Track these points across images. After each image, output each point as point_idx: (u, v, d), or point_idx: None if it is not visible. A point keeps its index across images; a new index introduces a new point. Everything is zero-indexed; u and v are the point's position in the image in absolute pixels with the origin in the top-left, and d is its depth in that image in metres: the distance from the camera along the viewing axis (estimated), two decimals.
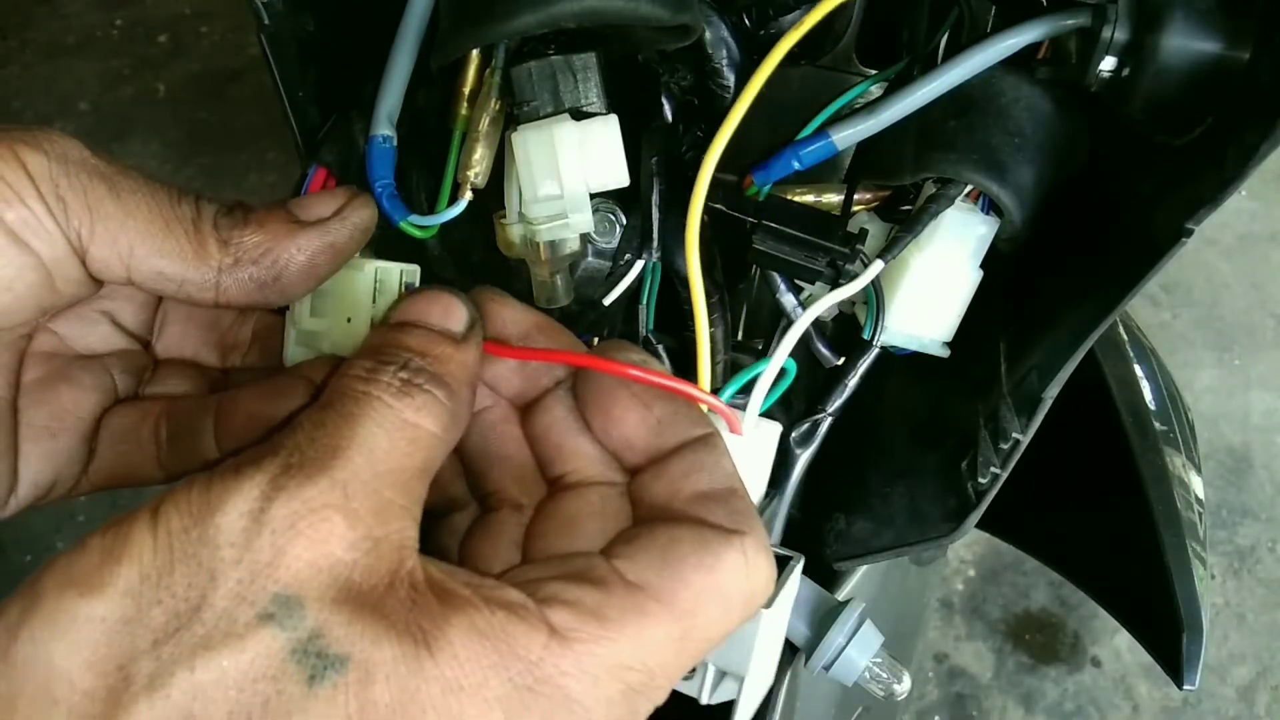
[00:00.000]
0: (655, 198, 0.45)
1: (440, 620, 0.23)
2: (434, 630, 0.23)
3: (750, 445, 0.39)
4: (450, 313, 0.30)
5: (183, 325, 0.38)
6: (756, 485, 0.41)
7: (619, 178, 0.41)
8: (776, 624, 0.40)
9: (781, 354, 0.41)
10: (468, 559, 0.31)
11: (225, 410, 0.34)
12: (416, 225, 0.41)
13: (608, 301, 0.45)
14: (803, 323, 0.42)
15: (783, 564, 0.41)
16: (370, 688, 0.22)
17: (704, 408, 0.32)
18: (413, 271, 0.37)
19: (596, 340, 0.47)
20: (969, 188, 0.43)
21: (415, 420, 0.26)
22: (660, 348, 0.47)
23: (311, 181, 0.39)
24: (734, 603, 0.26)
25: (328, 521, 0.23)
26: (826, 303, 0.42)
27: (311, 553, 0.23)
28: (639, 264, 0.45)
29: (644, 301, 0.46)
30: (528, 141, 0.40)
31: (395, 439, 0.25)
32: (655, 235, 0.45)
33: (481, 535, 0.32)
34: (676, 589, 0.25)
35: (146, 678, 0.21)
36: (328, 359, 0.35)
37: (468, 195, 0.41)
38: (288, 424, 0.26)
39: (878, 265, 0.42)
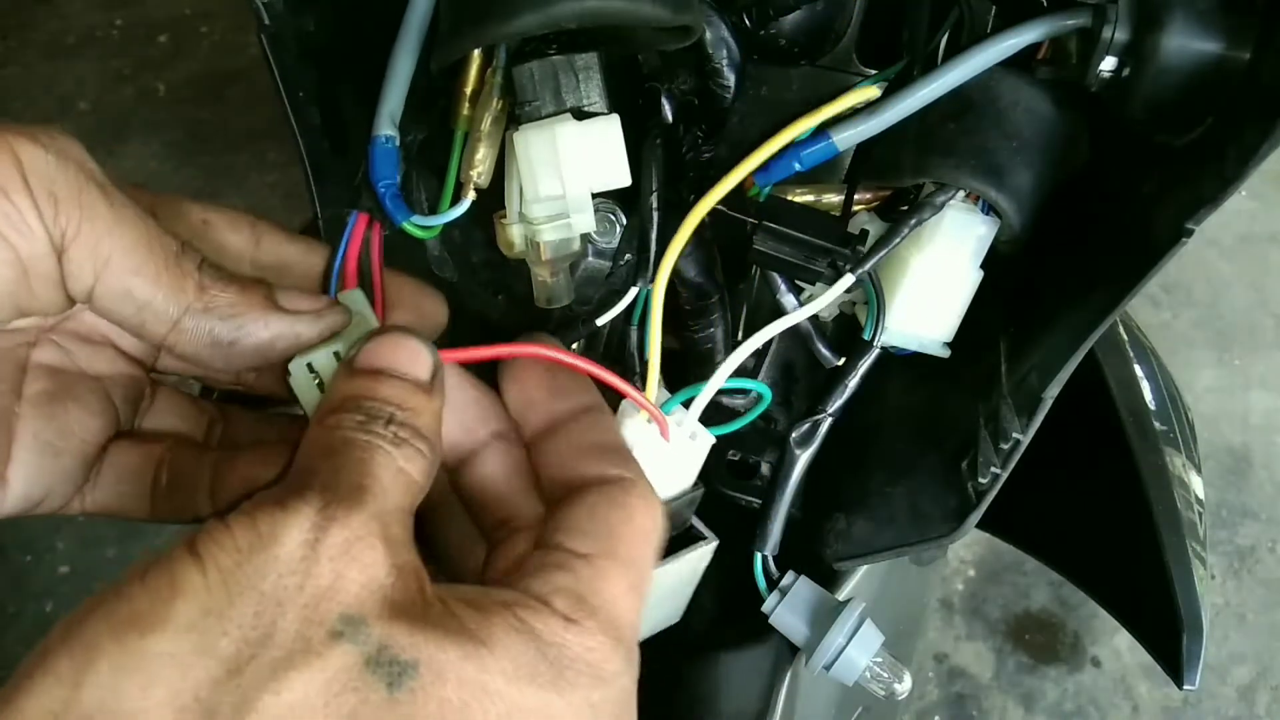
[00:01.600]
0: (654, 213, 0.45)
1: (484, 622, 0.26)
2: (482, 631, 0.26)
3: (680, 451, 0.40)
4: (417, 360, 0.31)
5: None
6: (682, 482, 0.42)
7: (621, 177, 0.41)
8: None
9: (724, 372, 0.42)
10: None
11: (222, 470, 0.35)
12: (419, 226, 0.41)
13: (600, 323, 0.45)
14: (746, 348, 0.43)
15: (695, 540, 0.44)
16: (443, 687, 0.24)
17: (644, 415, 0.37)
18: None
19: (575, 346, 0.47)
20: (963, 192, 0.43)
21: (406, 469, 0.29)
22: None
23: (353, 228, 0.39)
24: (650, 534, 0.31)
25: (373, 549, 0.26)
26: (769, 331, 0.44)
27: (364, 575, 0.25)
28: (633, 291, 0.45)
29: (634, 322, 0.46)
30: (529, 141, 0.40)
31: (396, 483, 0.28)
32: (651, 253, 0.45)
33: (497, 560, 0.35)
34: (615, 546, 0.29)
35: (231, 706, 0.22)
36: None
37: (471, 195, 0.41)
38: (298, 472, 0.27)
39: (847, 280, 0.43)
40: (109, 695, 0.22)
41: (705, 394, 0.41)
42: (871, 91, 0.44)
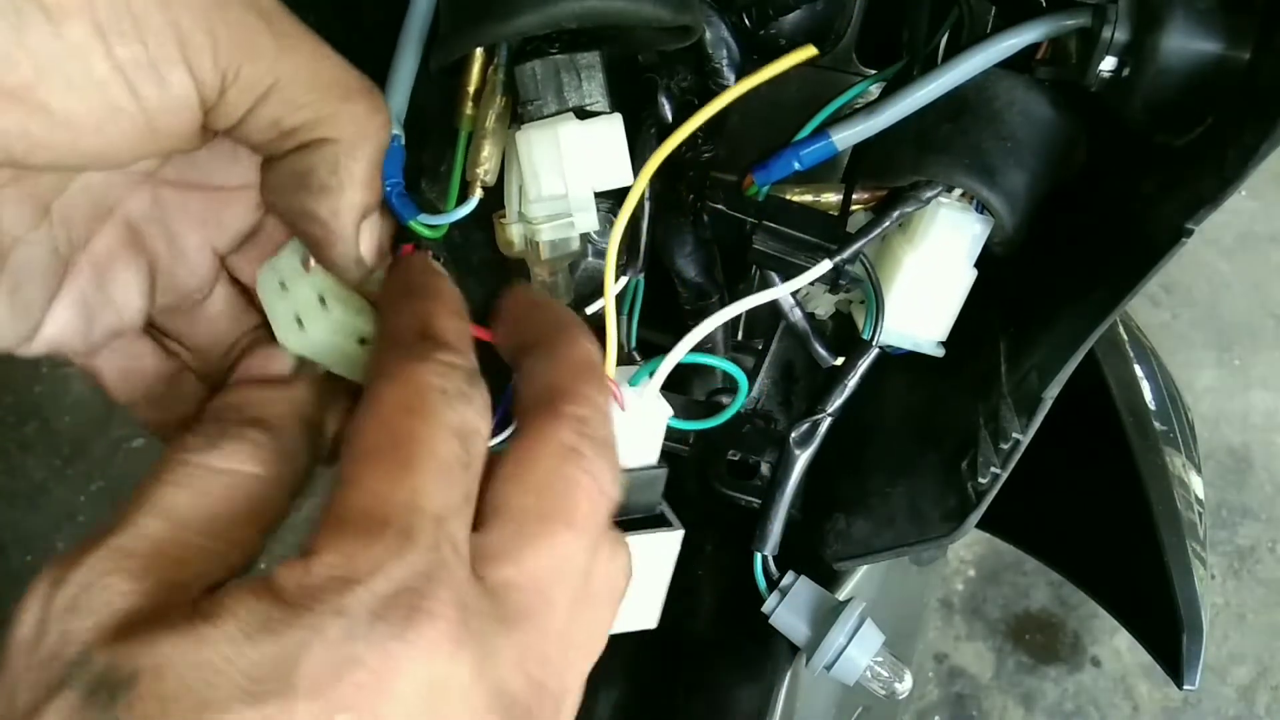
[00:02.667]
0: (647, 203, 0.45)
1: (215, 599, 0.23)
2: (209, 607, 0.23)
3: (639, 422, 0.40)
4: (273, 360, 0.31)
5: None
6: (645, 456, 0.42)
7: (623, 177, 0.41)
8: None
9: (688, 343, 0.41)
10: None
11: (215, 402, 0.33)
12: (426, 225, 0.41)
13: (590, 311, 0.45)
14: (717, 318, 0.43)
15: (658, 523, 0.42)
16: (164, 682, 0.22)
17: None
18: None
19: None
20: (957, 190, 0.43)
21: (224, 465, 0.27)
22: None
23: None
24: (412, 405, 0.26)
25: (107, 588, 0.24)
26: (744, 304, 0.44)
27: (94, 618, 0.23)
28: (623, 280, 0.45)
29: (624, 312, 0.46)
30: (531, 140, 0.40)
31: (202, 490, 0.26)
32: (642, 246, 0.45)
33: None
34: (358, 441, 0.25)
35: None
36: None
37: (478, 193, 0.41)
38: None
39: (824, 265, 0.43)
40: None
41: (667, 363, 0.41)
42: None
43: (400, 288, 0.31)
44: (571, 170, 0.40)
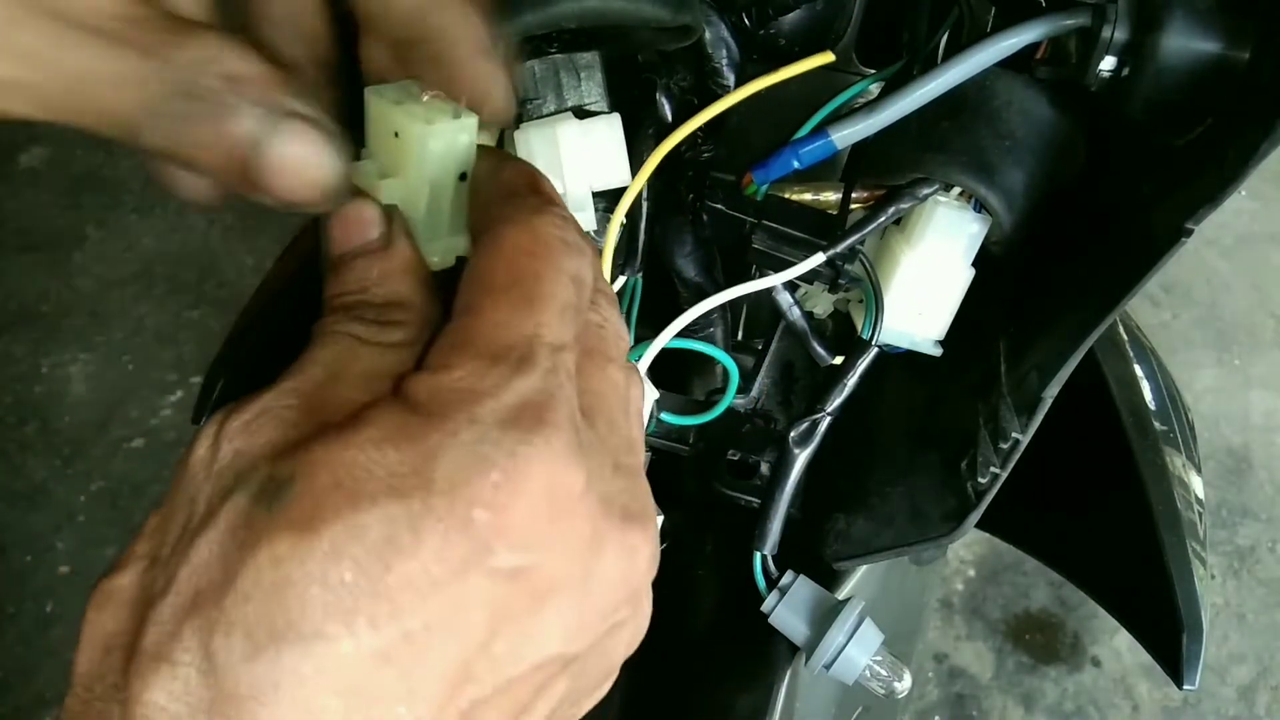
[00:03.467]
0: (645, 203, 0.45)
1: (361, 409, 0.26)
2: (356, 415, 0.26)
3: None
4: (363, 223, 0.31)
5: None
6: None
7: (621, 177, 0.41)
8: None
9: (676, 326, 0.42)
10: None
11: None
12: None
13: None
14: (709, 303, 0.44)
15: None
16: (315, 480, 0.24)
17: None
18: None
19: None
20: (955, 189, 0.43)
21: (377, 339, 0.29)
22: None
23: None
24: (536, 250, 0.28)
25: (278, 416, 0.26)
26: (735, 291, 0.44)
27: (265, 437, 0.26)
28: (621, 279, 0.45)
29: (623, 311, 0.46)
30: (530, 140, 0.40)
31: (356, 356, 0.28)
32: (640, 245, 0.45)
33: None
34: (487, 279, 0.28)
35: (161, 588, 0.25)
36: None
37: None
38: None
39: (818, 258, 0.43)
40: (95, 634, 0.26)
41: (655, 344, 0.41)
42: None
43: (497, 152, 0.32)
44: (570, 169, 0.40)
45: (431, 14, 0.31)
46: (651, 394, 0.41)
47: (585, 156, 0.40)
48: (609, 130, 0.40)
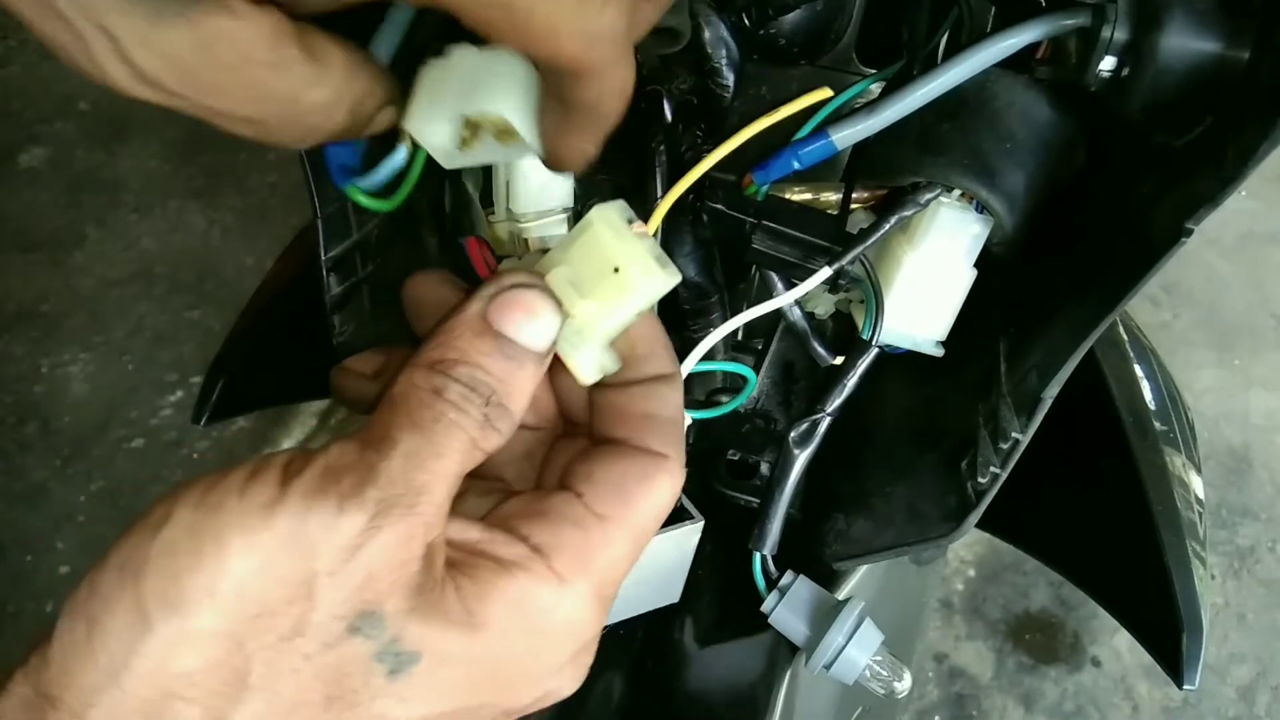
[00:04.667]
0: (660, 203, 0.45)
1: (483, 600, 0.28)
2: (480, 612, 0.28)
3: None
4: (543, 331, 0.31)
5: None
6: None
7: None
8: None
9: (699, 353, 0.43)
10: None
11: None
12: (362, 192, 0.38)
13: None
14: (725, 328, 0.44)
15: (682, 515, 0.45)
16: (439, 670, 0.27)
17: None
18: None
19: None
20: (957, 191, 0.43)
21: (484, 446, 0.29)
22: None
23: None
24: (663, 513, 0.32)
25: (408, 549, 0.27)
26: (750, 314, 0.44)
27: (394, 575, 0.27)
28: None
29: None
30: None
31: (465, 462, 0.29)
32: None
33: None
34: (630, 514, 0.31)
35: (261, 678, 0.26)
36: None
37: (408, 143, 0.37)
38: (377, 439, 0.28)
39: (824, 272, 0.43)
40: (156, 664, 0.25)
41: (684, 369, 0.41)
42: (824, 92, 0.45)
43: (662, 347, 0.36)
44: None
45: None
46: (685, 420, 0.42)
47: None
48: None
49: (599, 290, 0.32)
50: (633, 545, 0.31)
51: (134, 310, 1.79)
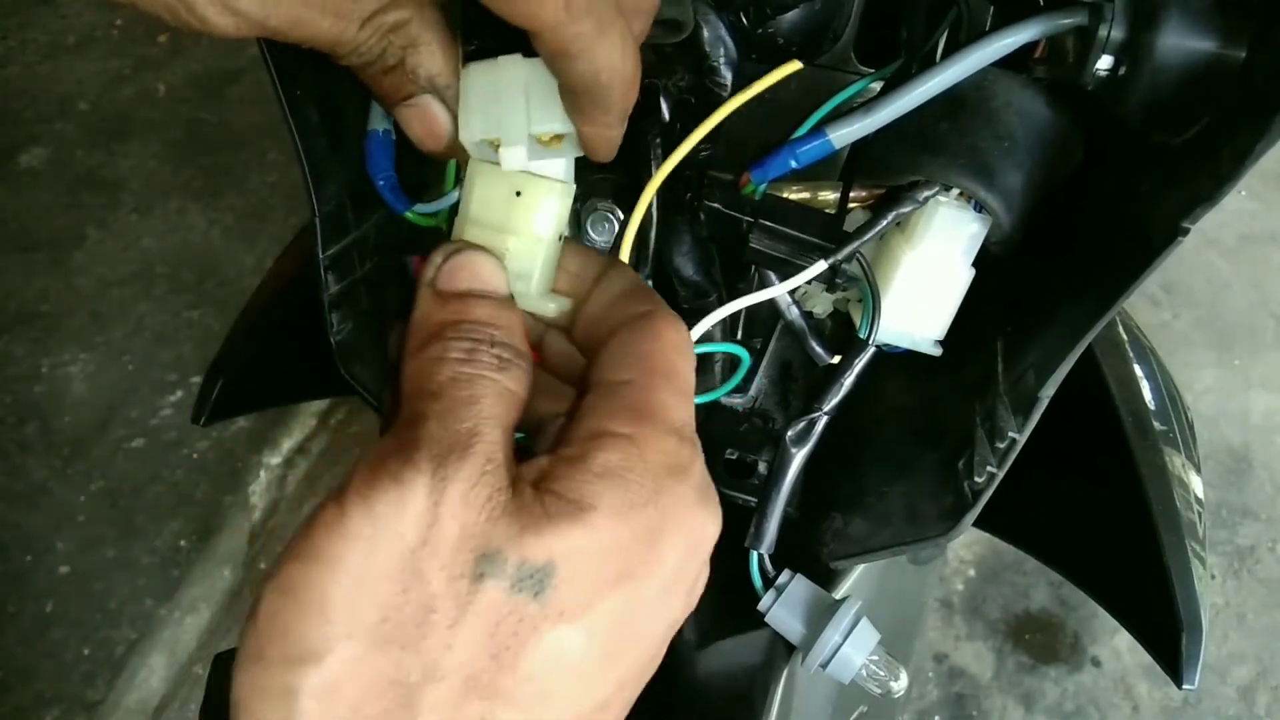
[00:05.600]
0: (654, 211, 0.45)
1: (578, 488, 0.28)
2: (582, 497, 0.28)
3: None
4: (497, 274, 0.33)
5: None
6: None
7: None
8: None
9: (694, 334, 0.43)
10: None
11: None
12: (422, 214, 0.41)
13: None
14: (718, 314, 0.44)
15: None
16: (578, 565, 0.27)
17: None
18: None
19: None
20: (955, 190, 0.43)
21: (512, 388, 0.30)
22: None
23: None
24: (681, 345, 0.33)
25: (487, 485, 0.28)
26: (743, 301, 0.44)
27: (485, 513, 0.27)
28: None
29: None
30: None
31: (503, 406, 0.30)
32: (650, 250, 0.45)
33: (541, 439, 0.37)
34: (651, 362, 0.32)
35: (421, 676, 0.26)
36: None
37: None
38: (407, 423, 0.29)
39: (819, 265, 0.43)
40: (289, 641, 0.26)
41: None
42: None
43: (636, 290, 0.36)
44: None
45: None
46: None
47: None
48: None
49: (514, 219, 0.34)
50: (674, 383, 0.32)
51: (134, 310, 1.79)
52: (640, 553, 0.28)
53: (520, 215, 0.34)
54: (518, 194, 0.34)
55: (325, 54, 0.34)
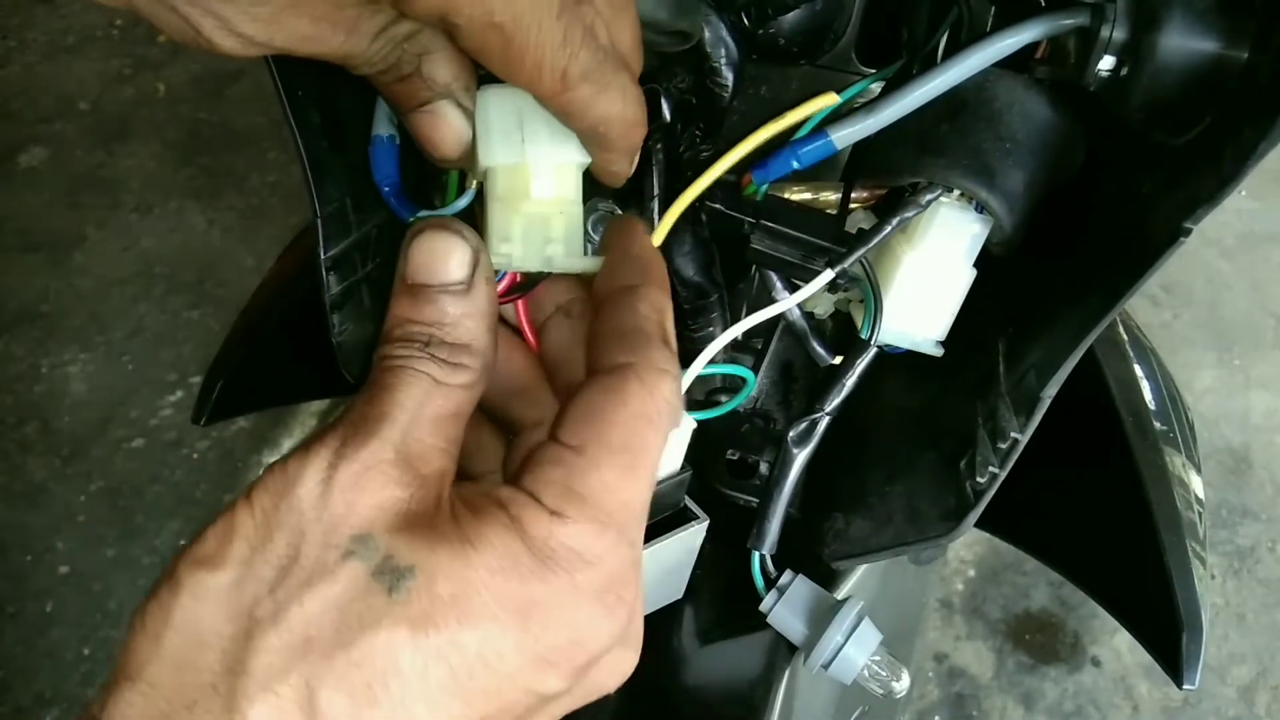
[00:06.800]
0: (656, 216, 0.45)
1: (477, 524, 0.29)
2: (473, 532, 0.29)
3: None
4: (450, 259, 0.33)
5: None
6: (669, 465, 0.43)
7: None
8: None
9: (705, 357, 0.43)
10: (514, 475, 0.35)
11: None
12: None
13: None
14: (731, 332, 0.44)
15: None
16: (434, 584, 0.28)
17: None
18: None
19: None
20: (956, 191, 0.43)
21: (447, 381, 0.31)
22: None
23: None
24: (647, 416, 0.32)
25: (384, 474, 0.29)
26: (754, 319, 0.44)
27: (375, 499, 0.29)
28: None
29: None
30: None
31: (430, 399, 0.31)
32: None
33: (514, 453, 0.39)
34: (606, 435, 0.31)
35: (270, 615, 0.28)
36: None
37: (473, 186, 0.41)
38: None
39: (826, 275, 0.43)
40: (189, 615, 0.28)
41: (686, 377, 0.41)
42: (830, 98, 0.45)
43: (630, 259, 0.36)
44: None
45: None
46: (689, 424, 0.42)
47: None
48: None
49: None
50: (623, 459, 0.31)
51: (134, 310, 1.79)
52: (510, 615, 0.29)
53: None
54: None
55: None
